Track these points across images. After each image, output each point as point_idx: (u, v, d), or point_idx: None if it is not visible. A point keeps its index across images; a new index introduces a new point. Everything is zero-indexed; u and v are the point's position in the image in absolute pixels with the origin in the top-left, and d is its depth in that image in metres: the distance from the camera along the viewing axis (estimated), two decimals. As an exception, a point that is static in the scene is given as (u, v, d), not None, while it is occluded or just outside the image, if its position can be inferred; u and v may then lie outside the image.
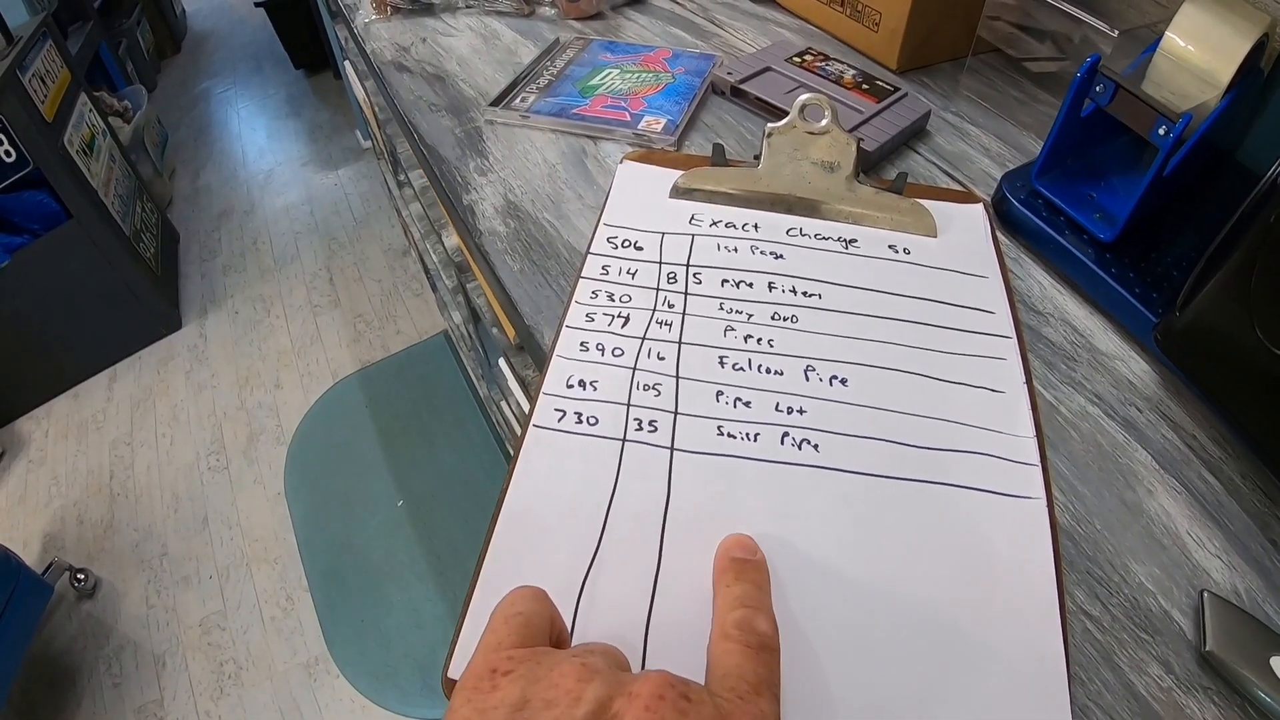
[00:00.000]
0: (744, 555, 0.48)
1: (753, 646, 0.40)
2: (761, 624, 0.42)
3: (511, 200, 0.85)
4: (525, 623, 0.39)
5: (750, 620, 0.42)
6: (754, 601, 0.44)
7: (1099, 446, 0.60)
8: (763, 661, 0.39)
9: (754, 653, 0.39)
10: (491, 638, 0.38)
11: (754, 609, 0.43)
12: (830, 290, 0.67)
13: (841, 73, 0.98)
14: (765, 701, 0.37)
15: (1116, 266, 0.69)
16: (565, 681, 0.34)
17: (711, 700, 0.35)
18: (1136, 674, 0.48)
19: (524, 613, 0.39)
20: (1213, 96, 0.67)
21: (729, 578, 0.46)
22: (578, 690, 0.34)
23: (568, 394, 0.59)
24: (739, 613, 0.42)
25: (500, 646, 0.37)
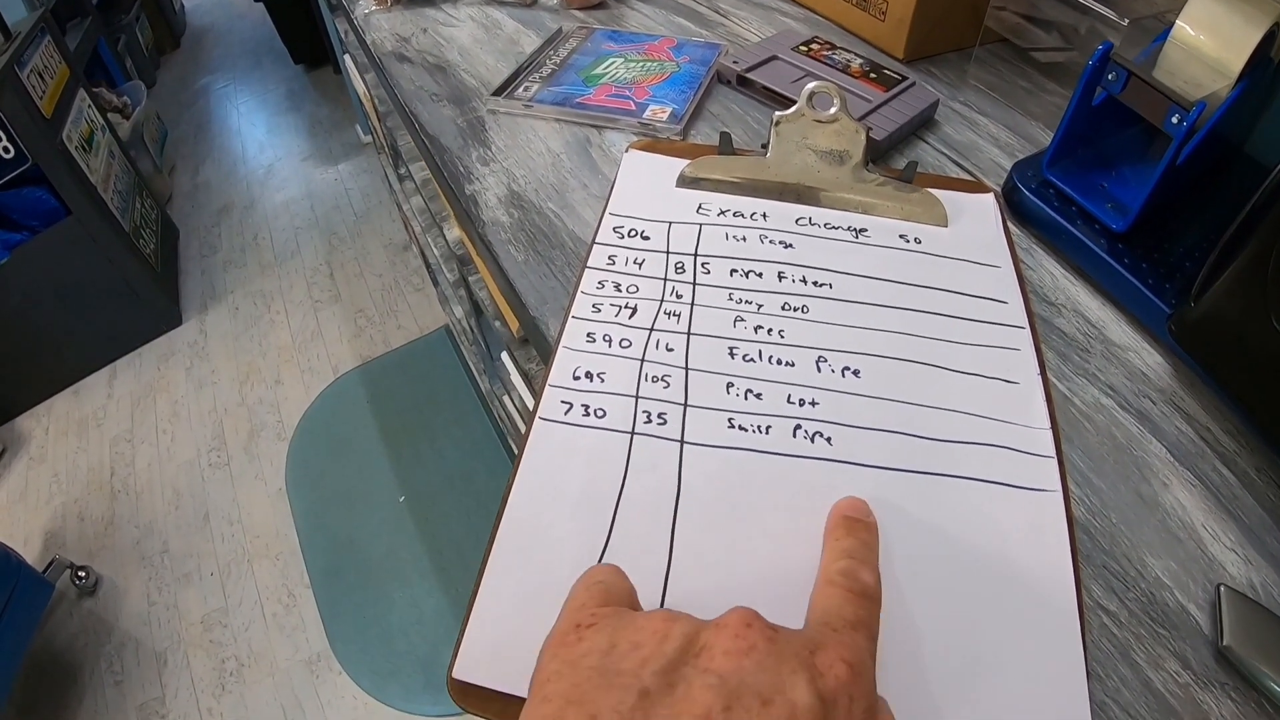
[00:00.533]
0: (856, 515, 0.49)
1: (854, 592, 0.41)
2: (865, 575, 0.43)
3: (515, 190, 0.84)
4: (606, 589, 0.40)
5: (855, 570, 0.43)
6: (860, 555, 0.45)
7: (1113, 439, 0.60)
8: (862, 605, 0.40)
9: (854, 596, 0.41)
10: (574, 601, 0.39)
11: (859, 561, 0.44)
12: (841, 280, 0.66)
13: (848, 62, 0.97)
14: (861, 637, 0.38)
15: (1129, 257, 0.69)
16: (650, 624, 0.35)
17: (803, 633, 0.36)
18: (1154, 670, 0.47)
19: (604, 581, 0.40)
20: (1224, 86, 0.66)
21: (839, 533, 0.47)
22: (664, 629, 0.35)
23: (574, 386, 0.58)
24: (844, 563, 0.44)
25: (584, 607, 0.38)
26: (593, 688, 0.32)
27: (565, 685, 0.33)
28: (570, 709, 0.32)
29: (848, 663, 0.35)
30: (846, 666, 0.34)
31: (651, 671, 0.32)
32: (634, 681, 0.32)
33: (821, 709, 0.32)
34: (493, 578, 0.48)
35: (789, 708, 0.31)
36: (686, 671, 0.32)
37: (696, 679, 0.32)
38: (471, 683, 0.44)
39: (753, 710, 0.31)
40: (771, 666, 0.33)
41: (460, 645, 0.45)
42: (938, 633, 0.46)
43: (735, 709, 0.31)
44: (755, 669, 0.33)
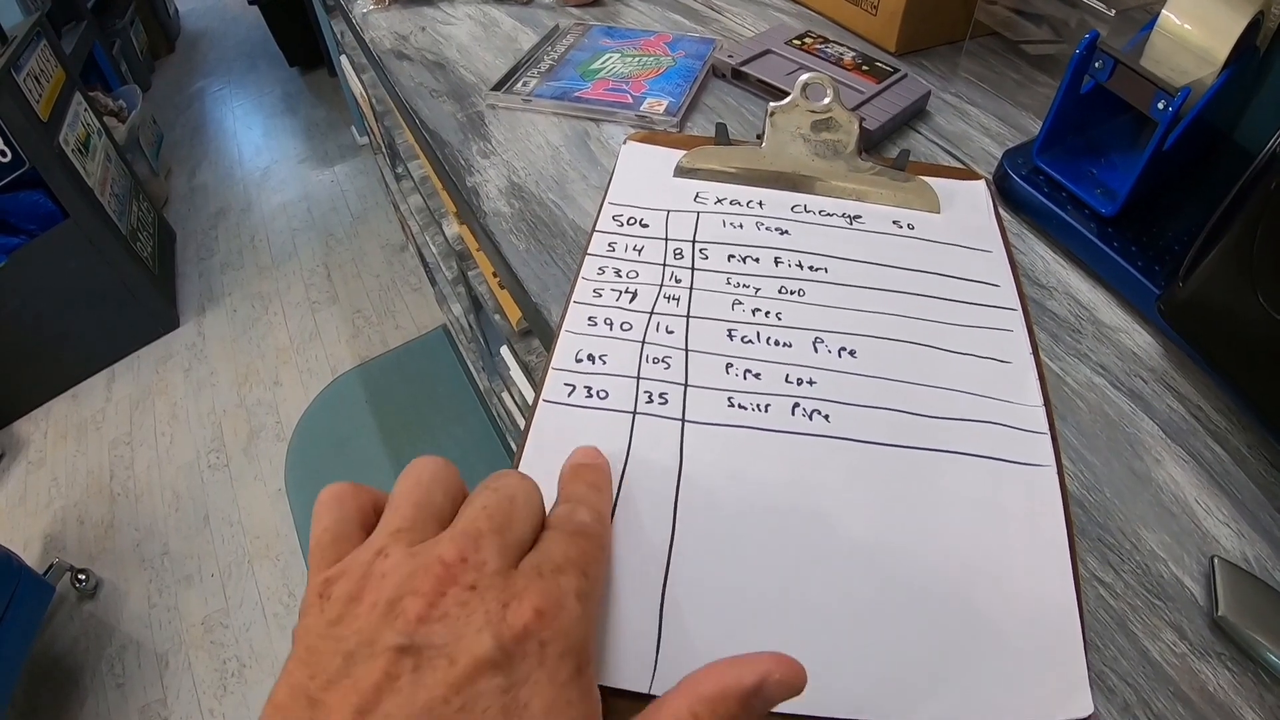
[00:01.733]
0: (584, 461, 0.51)
1: (567, 532, 0.42)
2: (582, 514, 0.44)
3: (515, 182, 0.85)
4: (333, 537, 0.41)
5: (571, 512, 0.44)
6: (580, 498, 0.47)
7: (1106, 416, 0.60)
8: (574, 545, 0.41)
9: (566, 536, 0.42)
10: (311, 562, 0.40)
11: (578, 503, 0.46)
12: (836, 264, 0.67)
13: (841, 55, 0.98)
14: (568, 579, 0.39)
15: (1119, 240, 0.70)
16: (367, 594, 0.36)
17: (503, 581, 0.37)
18: (1151, 640, 0.48)
19: (329, 527, 0.41)
20: (1210, 73, 0.67)
21: (564, 479, 0.49)
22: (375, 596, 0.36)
23: (577, 369, 0.59)
24: (562, 507, 0.45)
25: (318, 570, 0.39)
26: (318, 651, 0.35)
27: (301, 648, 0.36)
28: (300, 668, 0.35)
29: (538, 609, 0.36)
30: (535, 613, 0.36)
31: (359, 637, 0.35)
32: (344, 645, 0.35)
33: (505, 658, 0.35)
34: None
35: (472, 662, 0.34)
36: (386, 634, 0.34)
37: (392, 640, 0.34)
38: None
39: (439, 668, 0.34)
40: (461, 624, 0.35)
41: None
42: (935, 606, 0.47)
43: (423, 668, 0.34)
44: (444, 631, 0.35)
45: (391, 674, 0.33)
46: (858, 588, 0.47)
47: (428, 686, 0.33)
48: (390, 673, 0.33)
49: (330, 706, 0.33)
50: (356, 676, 0.33)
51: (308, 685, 0.34)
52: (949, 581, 0.48)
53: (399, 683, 0.33)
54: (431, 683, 0.33)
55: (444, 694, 0.33)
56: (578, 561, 0.41)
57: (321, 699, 0.33)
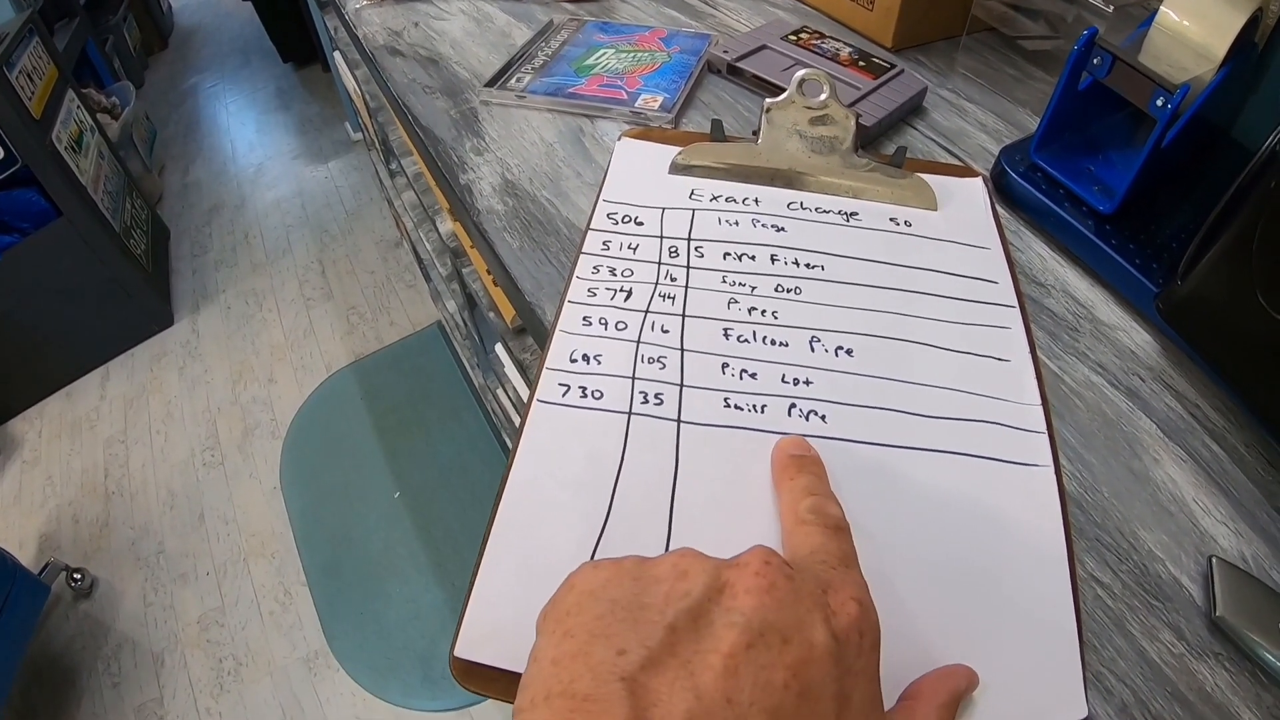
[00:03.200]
0: (800, 452, 0.50)
1: (830, 527, 0.43)
2: (833, 508, 0.45)
3: (509, 179, 0.85)
4: None
5: (823, 505, 0.44)
6: (820, 490, 0.47)
7: (1104, 415, 0.60)
8: (844, 540, 0.42)
9: (833, 532, 0.42)
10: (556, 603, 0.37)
11: (823, 496, 0.46)
12: (833, 262, 0.67)
13: (838, 50, 0.98)
14: (855, 573, 0.40)
15: (1116, 238, 0.70)
16: (668, 560, 0.36)
17: (812, 571, 0.38)
18: (1149, 640, 0.48)
19: None
20: (1208, 70, 0.67)
21: (791, 472, 0.49)
22: (684, 565, 0.35)
23: (571, 368, 0.58)
24: (810, 500, 0.45)
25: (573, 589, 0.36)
26: (617, 621, 0.33)
27: (589, 619, 0.33)
28: (596, 643, 0.32)
29: (857, 600, 0.36)
30: (856, 604, 0.36)
31: (677, 609, 0.33)
32: (660, 618, 0.32)
33: (836, 647, 0.33)
34: (493, 557, 0.49)
35: (807, 646, 0.32)
36: (710, 609, 0.33)
37: (720, 617, 0.33)
38: (474, 661, 0.44)
39: (774, 648, 0.32)
40: (790, 604, 0.34)
41: (462, 624, 0.46)
42: (933, 606, 0.47)
43: (758, 646, 0.32)
44: (776, 607, 0.33)
45: (725, 653, 0.31)
46: None
47: (766, 667, 0.31)
48: (724, 651, 0.31)
49: (657, 693, 0.30)
50: (684, 656, 0.31)
51: (616, 665, 0.31)
52: (945, 581, 0.48)
53: (734, 661, 0.31)
54: (769, 663, 0.32)
55: (784, 678, 0.31)
56: (854, 556, 0.42)
57: (644, 683, 0.30)
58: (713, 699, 0.30)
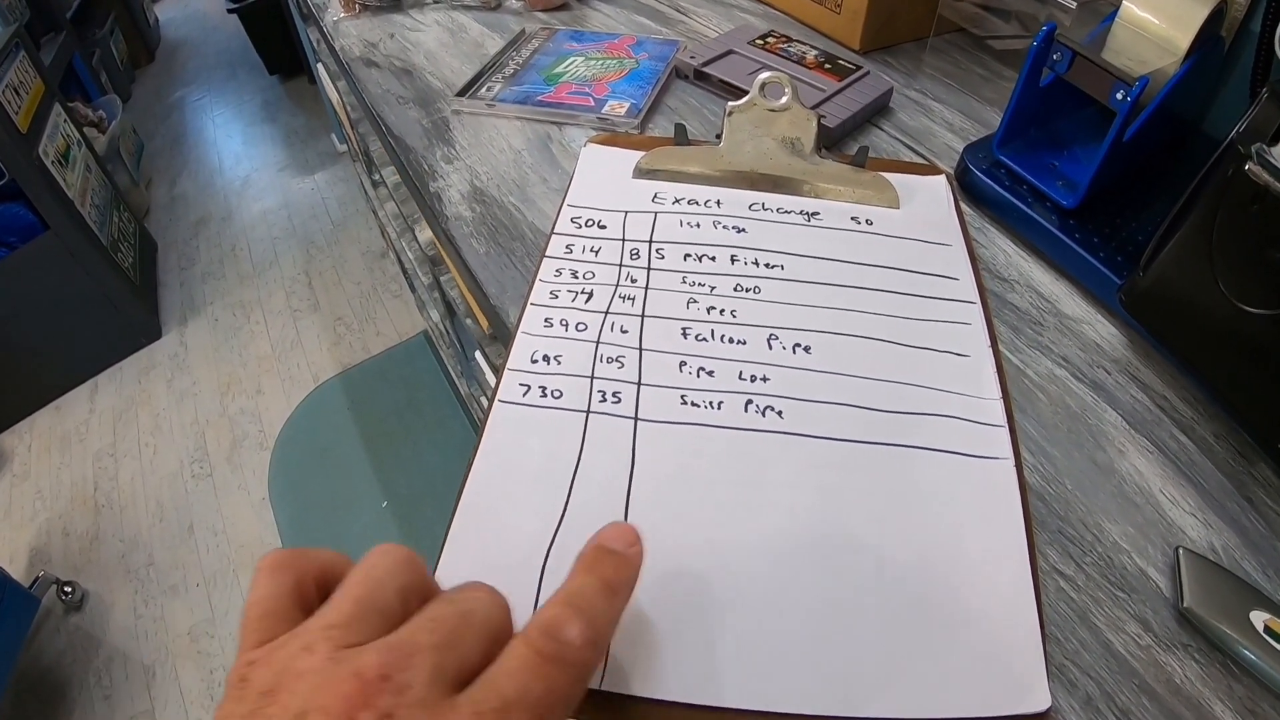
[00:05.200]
0: (615, 546, 0.42)
1: (543, 654, 0.35)
2: (571, 632, 0.36)
3: (477, 186, 0.85)
4: (262, 613, 0.36)
5: (560, 624, 0.36)
6: (583, 602, 0.38)
7: (1067, 408, 0.60)
8: (542, 675, 0.34)
9: (538, 662, 0.34)
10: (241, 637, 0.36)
11: (575, 610, 0.37)
12: (792, 261, 0.67)
13: (804, 53, 0.99)
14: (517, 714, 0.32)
15: (1081, 232, 0.70)
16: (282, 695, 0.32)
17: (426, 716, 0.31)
18: (1114, 632, 0.48)
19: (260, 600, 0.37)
20: (1172, 63, 0.67)
21: (580, 566, 0.40)
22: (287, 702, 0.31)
23: (532, 369, 0.59)
24: (553, 611, 0.37)
25: (242, 650, 0.35)
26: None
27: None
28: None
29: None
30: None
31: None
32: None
33: None
34: (451, 555, 0.50)
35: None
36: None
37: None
38: None
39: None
40: None
41: None
42: (891, 601, 0.47)
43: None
44: None
45: None
46: (811, 582, 0.47)
47: None
48: None
49: None
50: None
51: None
52: (904, 575, 0.48)
53: None
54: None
55: None
56: (535, 702, 0.33)
57: None
58: None
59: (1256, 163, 0.51)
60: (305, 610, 0.36)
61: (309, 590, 0.38)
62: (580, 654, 0.35)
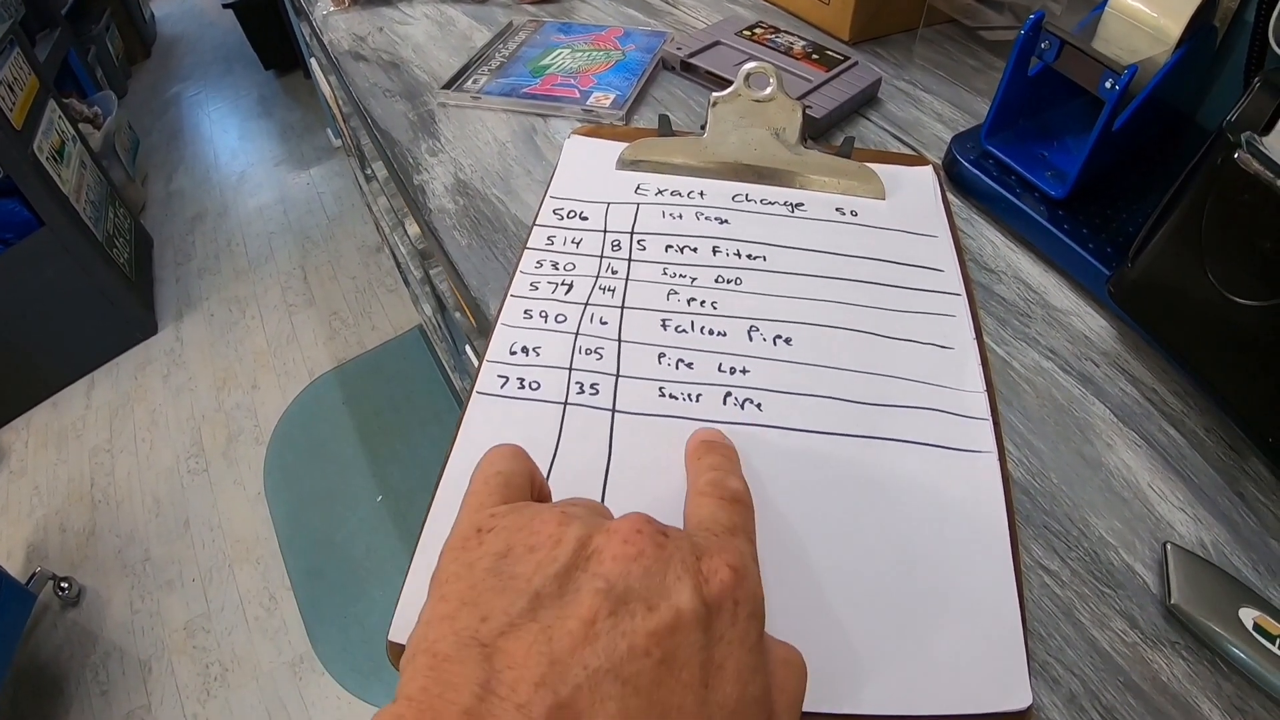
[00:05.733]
0: (711, 439, 0.50)
1: (725, 499, 0.42)
2: (733, 482, 0.44)
3: (461, 178, 0.85)
4: (505, 481, 0.40)
5: (722, 479, 0.44)
6: (724, 467, 0.46)
7: (1054, 401, 0.60)
8: (737, 511, 0.41)
9: (727, 504, 0.42)
10: (474, 499, 0.39)
11: (725, 472, 0.45)
12: (775, 252, 0.67)
13: (791, 44, 0.98)
14: (741, 541, 0.38)
15: (1069, 223, 0.69)
16: (546, 528, 0.35)
17: (689, 538, 0.36)
18: (1099, 629, 0.48)
19: (503, 471, 0.40)
20: (1163, 52, 0.67)
21: (699, 453, 0.49)
22: (558, 534, 0.35)
23: (511, 360, 0.59)
24: (711, 474, 0.45)
25: (482, 506, 0.38)
26: (487, 589, 0.33)
27: (463, 586, 0.34)
28: (465, 610, 0.32)
29: (732, 567, 0.35)
30: (731, 571, 0.35)
31: (544, 576, 0.33)
32: (526, 585, 0.33)
33: (705, 613, 0.33)
34: (429, 544, 0.49)
35: (673, 613, 0.32)
36: (577, 575, 0.33)
37: (586, 584, 0.33)
38: None
39: (638, 615, 0.32)
40: (658, 571, 0.34)
41: (397, 609, 0.46)
42: (874, 597, 0.46)
43: (620, 613, 0.32)
44: (642, 574, 0.33)
45: (586, 619, 0.31)
46: (787, 577, 0.47)
47: (627, 633, 0.31)
48: (585, 617, 0.31)
49: (513, 656, 0.30)
50: (544, 621, 0.31)
51: (479, 631, 0.31)
52: (883, 570, 0.47)
53: (595, 628, 0.31)
54: (630, 629, 0.31)
55: (645, 644, 0.31)
56: (743, 526, 0.41)
57: (501, 647, 0.31)
58: (567, 664, 0.30)
59: (1247, 151, 0.50)
60: (534, 496, 0.41)
61: (539, 484, 0.43)
62: (748, 496, 0.44)
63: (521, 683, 0.29)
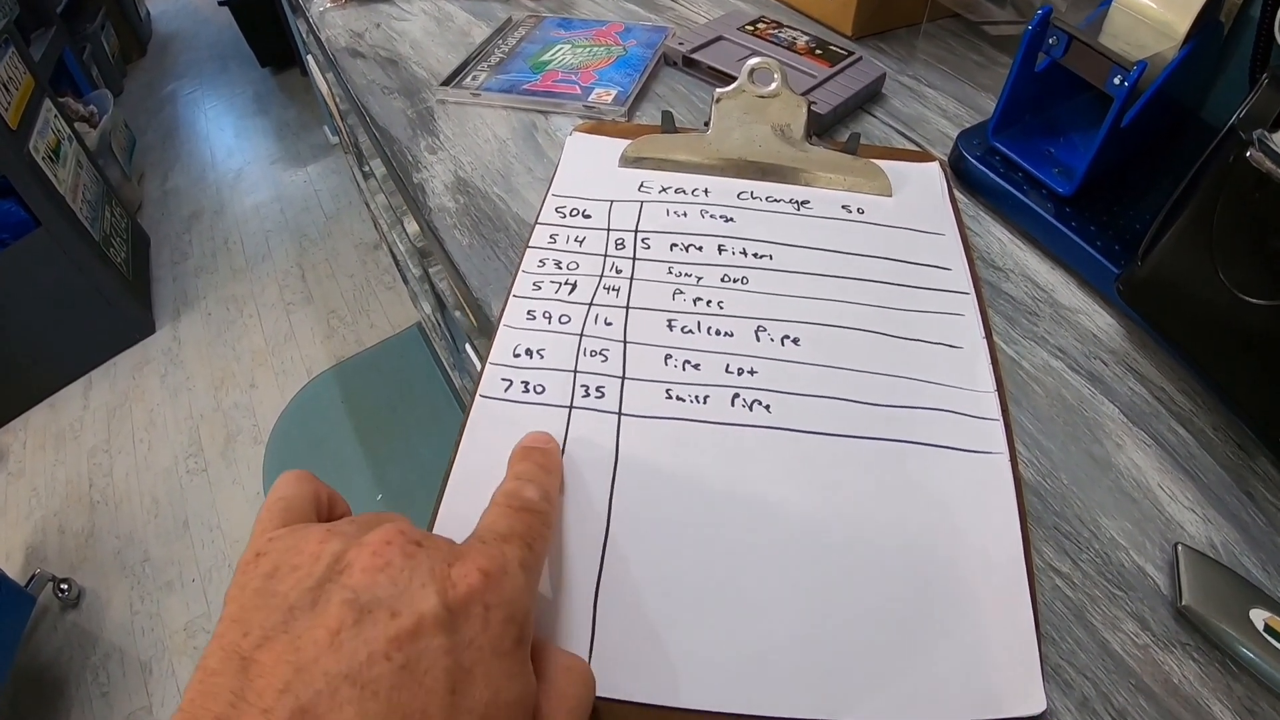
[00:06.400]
0: (533, 444, 0.51)
1: (513, 507, 0.44)
2: (529, 491, 0.45)
3: (461, 176, 0.84)
4: (286, 506, 0.41)
5: (518, 489, 0.45)
6: (528, 475, 0.47)
7: (1063, 400, 0.59)
8: (520, 519, 0.43)
9: (513, 511, 0.43)
10: (258, 525, 0.40)
11: (526, 480, 0.46)
12: (781, 251, 0.66)
13: (794, 39, 0.97)
14: (510, 547, 0.40)
15: (1077, 220, 0.69)
16: (309, 546, 0.37)
17: (449, 546, 0.39)
18: (1111, 631, 0.47)
19: (285, 496, 0.42)
20: (1170, 48, 0.66)
21: (514, 461, 0.50)
22: (318, 550, 0.36)
23: (514, 363, 0.58)
24: (510, 484, 0.46)
25: (264, 532, 0.39)
26: (253, 607, 0.35)
27: (235, 607, 0.35)
28: (232, 627, 0.34)
29: (483, 571, 0.37)
30: (481, 575, 0.37)
31: (299, 590, 0.35)
32: (283, 601, 0.34)
33: (448, 617, 0.35)
34: None
35: (415, 618, 0.34)
36: (329, 588, 0.34)
37: (335, 594, 0.34)
38: None
39: (380, 622, 0.33)
40: (405, 580, 0.35)
41: None
42: (883, 598, 0.46)
43: (364, 621, 0.33)
44: (388, 583, 0.35)
45: (332, 629, 0.33)
46: (799, 580, 0.47)
47: (368, 640, 0.33)
48: (331, 627, 0.33)
49: (264, 666, 0.32)
50: (295, 633, 0.33)
51: (240, 645, 0.33)
52: (895, 573, 0.47)
53: (340, 637, 0.32)
54: (372, 636, 0.33)
55: (385, 649, 0.32)
56: (522, 534, 0.41)
57: (255, 658, 0.32)
58: (310, 671, 0.31)
59: (1258, 149, 0.49)
60: (319, 517, 0.42)
61: (324, 506, 0.44)
62: (540, 505, 0.45)
63: (269, 689, 0.31)
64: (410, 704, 0.32)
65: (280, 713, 0.30)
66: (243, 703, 0.31)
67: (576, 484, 0.51)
